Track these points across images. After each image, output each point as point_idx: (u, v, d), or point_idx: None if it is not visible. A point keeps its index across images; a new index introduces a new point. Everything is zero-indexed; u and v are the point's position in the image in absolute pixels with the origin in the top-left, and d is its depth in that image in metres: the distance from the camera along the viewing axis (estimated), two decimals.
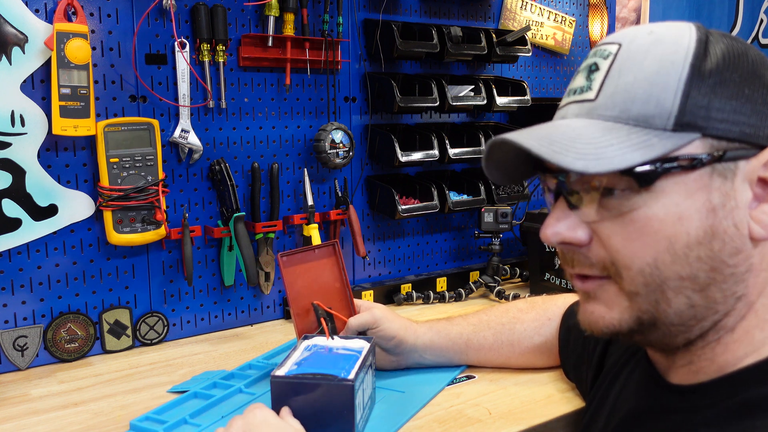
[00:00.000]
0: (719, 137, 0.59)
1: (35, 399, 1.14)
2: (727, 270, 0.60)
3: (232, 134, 1.47)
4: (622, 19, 2.57)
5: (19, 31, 1.21)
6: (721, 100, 0.59)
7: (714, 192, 0.59)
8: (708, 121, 0.59)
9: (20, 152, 1.23)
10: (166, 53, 1.37)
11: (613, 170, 0.58)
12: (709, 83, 0.59)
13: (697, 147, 0.59)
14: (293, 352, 1.02)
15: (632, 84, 0.61)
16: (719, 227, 0.59)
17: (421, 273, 1.80)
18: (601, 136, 0.60)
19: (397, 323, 1.13)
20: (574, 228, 0.64)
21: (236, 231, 1.42)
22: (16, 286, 1.26)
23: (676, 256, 0.60)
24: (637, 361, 0.78)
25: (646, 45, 0.62)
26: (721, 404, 0.61)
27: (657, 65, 0.60)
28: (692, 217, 0.59)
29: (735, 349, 0.63)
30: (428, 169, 1.80)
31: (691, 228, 0.59)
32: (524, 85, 1.83)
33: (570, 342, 1.05)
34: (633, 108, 0.60)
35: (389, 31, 1.61)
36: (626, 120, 0.61)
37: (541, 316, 1.14)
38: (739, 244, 0.60)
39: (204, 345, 1.41)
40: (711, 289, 0.61)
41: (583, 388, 1.01)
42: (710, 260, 0.60)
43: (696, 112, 0.59)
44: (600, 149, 0.59)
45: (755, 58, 0.61)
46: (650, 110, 0.60)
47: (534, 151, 0.59)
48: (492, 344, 1.15)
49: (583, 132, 0.61)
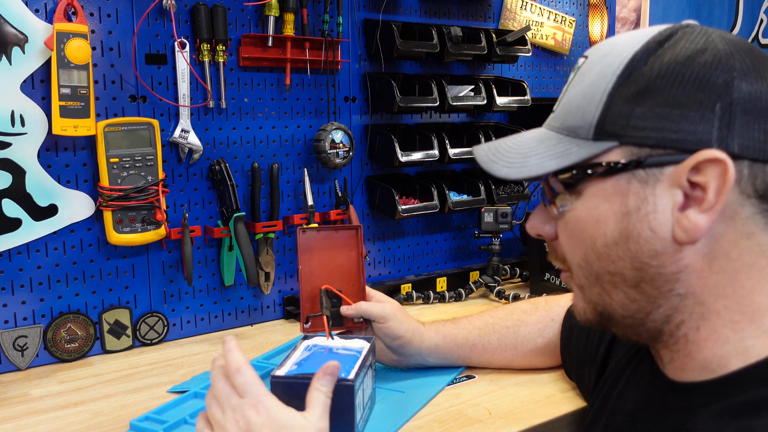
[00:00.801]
0: (640, 144, 0.61)
1: (35, 399, 1.14)
2: (651, 270, 0.63)
3: (232, 134, 1.47)
4: (621, 19, 2.57)
5: (19, 31, 1.21)
6: (644, 107, 0.61)
7: (631, 197, 0.62)
8: (626, 129, 0.61)
9: (20, 152, 1.23)
10: (166, 53, 1.37)
11: (529, 176, 0.66)
12: (633, 93, 0.61)
13: (617, 155, 0.62)
14: (293, 352, 1.02)
15: (573, 97, 0.66)
16: (633, 230, 0.62)
17: (421, 273, 1.80)
18: (535, 146, 0.68)
19: (405, 325, 1.12)
20: (544, 223, 0.72)
21: (236, 231, 1.42)
22: (16, 286, 1.26)
23: (599, 254, 0.65)
24: (640, 358, 0.78)
25: (597, 58, 0.66)
26: (718, 404, 0.62)
27: (593, 79, 0.65)
28: (608, 220, 0.63)
29: (711, 348, 0.64)
30: (428, 169, 1.80)
31: (607, 230, 0.64)
32: (524, 85, 1.83)
33: (572, 341, 1.05)
34: (567, 120, 0.66)
35: (389, 31, 1.61)
36: (561, 130, 0.67)
37: (545, 317, 1.14)
38: (659, 247, 0.62)
39: (204, 345, 1.41)
40: (642, 286, 0.64)
41: (585, 387, 1.01)
42: (630, 260, 0.63)
43: (615, 121, 0.62)
44: (526, 158, 0.68)
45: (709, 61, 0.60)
46: (577, 121, 0.65)
47: (477, 160, 0.72)
48: (496, 348, 1.15)
49: (523, 142, 0.70)
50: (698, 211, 0.59)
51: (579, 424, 1.04)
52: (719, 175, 0.58)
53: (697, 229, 0.60)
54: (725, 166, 0.58)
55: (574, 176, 0.65)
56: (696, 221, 0.59)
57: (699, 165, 0.58)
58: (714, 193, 0.58)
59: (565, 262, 0.70)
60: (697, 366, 0.65)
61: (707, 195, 0.59)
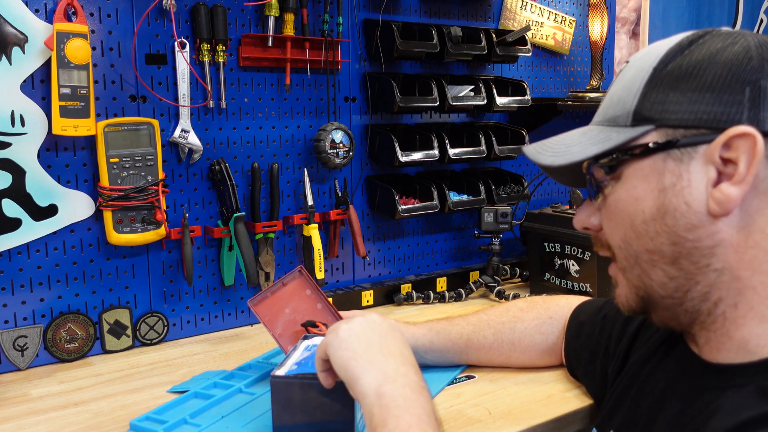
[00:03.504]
0: (675, 126, 0.66)
1: (35, 399, 1.14)
2: (687, 244, 0.66)
3: (232, 134, 1.47)
4: (621, 19, 2.57)
5: (19, 31, 1.21)
6: (678, 94, 0.66)
7: (666, 174, 0.67)
8: (662, 113, 0.67)
9: (20, 152, 1.23)
10: (166, 53, 1.37)
11: (571, 162, 0.72)
12: (668, 81, 0.67)
13: (653, 137, 0.68)
14: (293, 352, 1.01)
15: (614, 93, 0.73)
16: (669, 205, 0.66)
17: (421, 273, 1.80)
18: (578, 137, 0.75)
19: None
20: (589, 216, 0.77)
21: (236, 231, 1.42)
22: (16, 286, 1.26)
23: (638, 232, 0.69)
24: (670, 345, 0.80)
25: (636, 60, 0.73)
26: (754, 384, 0.63)
27: (632, 74, 0.71)
28: (646, 197, 0.68)
29: (749, 325, 0.66)
30: (428, 169, 1.80)
31: (646, 206, 0.68)
32: (524, 85, 1.83)
33: (582, 337, 1.05)
34: (608, 112, 0.73)
35: (389, 31, 1.61)
36: (603, 122, 0.74)
37: (542, 314, 1.14)
38: (694, 220, 0.65)
39: (204, 345, 1.41)
40: (680, 262, 0.67)
41: (593, 383, 1.02)
42: (668, 235, 0.67)
43: (651, 107, 0.68)
44: (569, 147, 0.74)
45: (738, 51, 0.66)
46: (617, 111, 0.71)
47: (527, 155, 0.79)
48: (492, 343, 1.15)
49: (568, 136, 0.76)
50: (730, 184, 0.63)
51: (580, 424, 1.04)
52: (749, 149, 0.62)
53: (730, 200, 0.63)
54: (754, 139, 0.62)
55: (614, 159, 0.70)
56: (728, 193, 0.63)
57: (729, 141, 0.63)
58: (745, 165, 0.63)
59: (610, 249, 0.75)
60: (734, 346, 0.67)
61: (738, 168, 0.63)
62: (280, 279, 1.18)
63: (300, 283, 1.19)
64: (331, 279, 1.66)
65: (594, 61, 2.02)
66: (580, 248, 1.58)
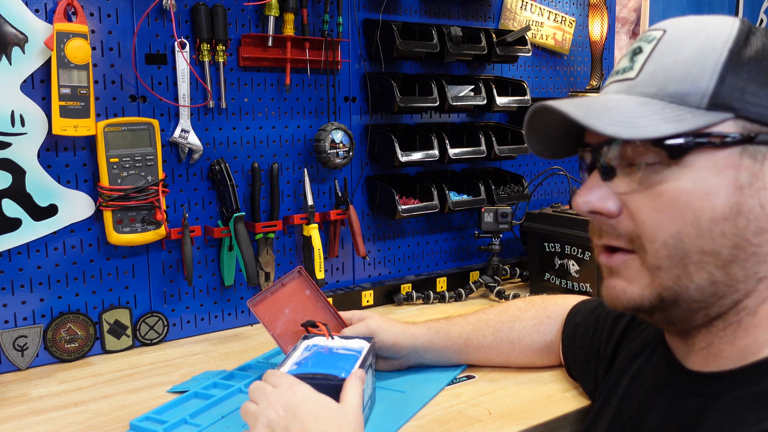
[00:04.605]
0: (752, 120, 0.61)
1: (35, 399, 1.14)
2: (750, 248, 0.62)
3: (232, 134, 1.47)
4: (621, 19, 2.57)
5: (19, 31, 1.21)
6: (756, 86, 0.61)
7: (743, 171, 0.61)
8: (742, 103, 0.61)
9: (20, 152, 1.23)
10: (166, 53, 1.37)
11: (645, 138, 0.61)
12: (746, 69, 0.62)
13: (730, 127, 0.61)
14: (293, 352, 1.02)
15: (672, 65, 0.64)
16: (745, 205, 0.61)
17: (421, 273, 1.80)
18: (637, 108, 0.63)
19: (393, 330, 1.12)
20: (605, 198, 0.66)
21: (236, 231, 1.42)
22: (16, 286, 1.26)
23: (701, 229, 0.62)
24: (653, 349, 0.78)
25: (689, 30, 0.65)
26: (739, 391, 0.62)
27: (698, 48, 0.63)
28: (719, 193, 0.61)
29: (756, 334, 0.64)
30: (428, 169, 1.80)
31: (718, 203, 0.61)
32: (524, 85, 1.83)
33: (577, 338, 1.05)
34: (670, 86, 0.63)
35: (389, 31, 1.61)
36: (662, 97, 0.63)
37: (540, 314, 1.14)
38: (764, 224, 0.61)
39: (204, 345, 1.41)
40: (733, 267, 0.62)
41: (589, 384, 1.02)
42: (734, 237, 0.61)
43: (730, 93, 0.61)
44: (633, 119, 0.62)
45: None
46: (686, 89, 0.62)
47: (571, 115, 0.62)
48: (491, 342, 1.15)
49: (620, 104, 0.64)
50: None
51: (580, 424, 1.04)
52: None
53: None
54: None
55: (686, 144, 0.61)
56: None
57: None
58: None
59: (633, 241, 0.66)
60: (734, 352, 0.65)
61: None
62: (279, 279, 1.18)
63: (299, 284, 1.19)
64: (331, 279, 1.66)
65: (594, 61, 2.02)
66: (580, 248, 1.58)
